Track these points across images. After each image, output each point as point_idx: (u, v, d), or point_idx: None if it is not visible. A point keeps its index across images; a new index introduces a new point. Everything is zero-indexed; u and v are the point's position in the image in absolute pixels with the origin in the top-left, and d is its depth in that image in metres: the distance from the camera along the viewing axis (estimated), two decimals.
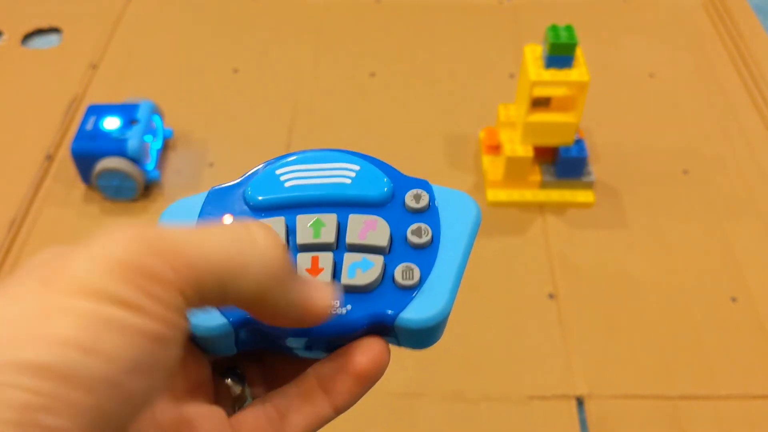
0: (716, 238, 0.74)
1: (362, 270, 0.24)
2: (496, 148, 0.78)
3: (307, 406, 0.23)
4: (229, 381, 0.26)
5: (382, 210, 0.25)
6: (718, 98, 0.89)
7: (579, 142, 0.74)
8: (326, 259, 0.24)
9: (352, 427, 0.59)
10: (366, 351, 0.23)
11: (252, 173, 0.26)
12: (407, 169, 0.27)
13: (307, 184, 0.26)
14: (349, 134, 0.84)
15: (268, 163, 0.27)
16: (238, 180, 0.26)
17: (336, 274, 0.24)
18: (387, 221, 0.25)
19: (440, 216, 0.25)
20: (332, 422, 0.26)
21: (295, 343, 0.24)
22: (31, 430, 0.15)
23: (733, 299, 0.68)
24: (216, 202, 0.26)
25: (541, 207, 0.76)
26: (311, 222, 0.25)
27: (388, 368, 0.25)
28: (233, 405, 0.25)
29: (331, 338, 0.24)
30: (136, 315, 0.17)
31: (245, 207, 0.26)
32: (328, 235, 0.24)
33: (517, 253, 0.72)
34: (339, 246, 0.25)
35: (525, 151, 0.73)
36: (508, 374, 0.63)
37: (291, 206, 0.25)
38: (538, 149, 0.75)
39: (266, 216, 0.25)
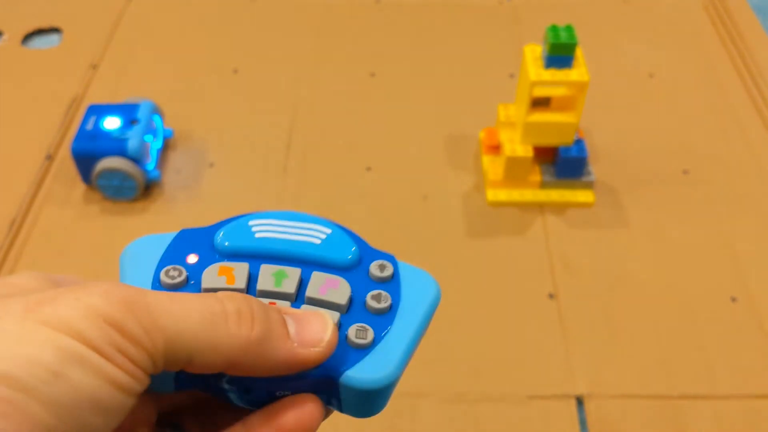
0: (716, 238, 0.74)
1: None
2: (496, 148, 0.78)
3: None
4: None
5: (347, 273, 0.26)
6: (718, 98, 0.89)
7: (579, 142, 0.74)
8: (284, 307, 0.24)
9: (353, 427, 0.59)
10: (297, 410, 0.23)
11: (224, 221, 0.27)
12: (407, 170, 0.27)
13: (277, 237, 0.26)
14: (349, 134, 0.84)
15: (243, 216, 0.27)
16: (210, 225, 0.27)
17: None
18: (349, 283, 0.25)
19: (401, 288, 0.26)
20: (333, 422, 0.26)
21: (233, 393, 0.24)
22: None
23: (733, 299, 0.68)
24: (184, 243, 0.26)
25: (541, 207, 0.76)
26: (275, 272, 0.25)
27: None
28: None
29: (272, 389, 0.23)
30: (107, 363, 0.18)
31: (212, 251, 0.26)
32: (289, 286, 0.25)
33: (517, 253, 0.72)
34: (298, 298, 0.25)
35: (525, 151, 0.73)
36: (508, 374, 0.63)
37: (257, 256, 0.26)
38: (538, 149, 0.75)
39: (231, 261, 0.25)
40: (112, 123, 0.75)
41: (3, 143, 0.83)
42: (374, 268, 0.26)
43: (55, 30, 0.99)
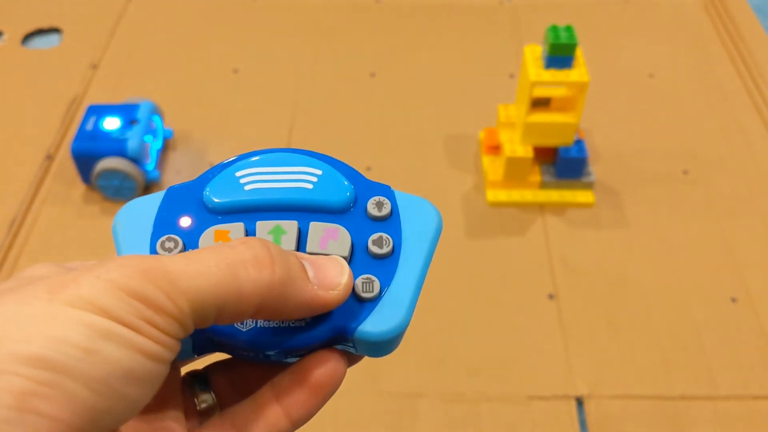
0: (716, 238, 0.74)
1: None
2: (496, 149, 0.78)
3: (263, 421, 0.23)
4: (197, 393, 0.26)
5: (344, 217, 0.25)
6: (718, 98, 0.89)
7: (579, 143, 0.74)
8: None
9: (353, 427, 0.59)
10: (322, 363, 0.23)
11: (211, 171, 0.26)
12: (407, 170, 0.27)
13: (268, 188, 0.25)
14: (349, 134, 0.84)
15: (229, 162, 0.26)
16: (197, 178, 0.26)
17: None
18: (348, 230, 0.25)
19: (402, 224, 0.25)
20: (333, 422, 0.26)
21: (253, 353, 0.24)
22: (28, 416, 0.17)
23: (733, 299, 0.68)
24: (174, 203, 0.25)
25: (541, 207, 0.76)
26: (271, 228, 0.24)
27: (388, 368, 0.25)
28: (201, 418, 0.25)
29: (289, 351, 0.24)
30: (135, 334, 0.19)
31: (203, 209, 0.25)
32: (289, 244, 0.24)
33: (517, 253, 0.72)
34: None
35: (525, 151, 0.73)
36: (508, 374, 0.63)
37: (250, 210, 0.25)
38: (538, 149, 0.75)
39: (225, 220, 0.25)
40: (111, 123, 0.75)
41: (3, 143, 0.83)
42: (372, 207, 0.25)
43: (55, 30, 0.99)
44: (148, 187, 0.77)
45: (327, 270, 0.23)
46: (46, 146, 0.82)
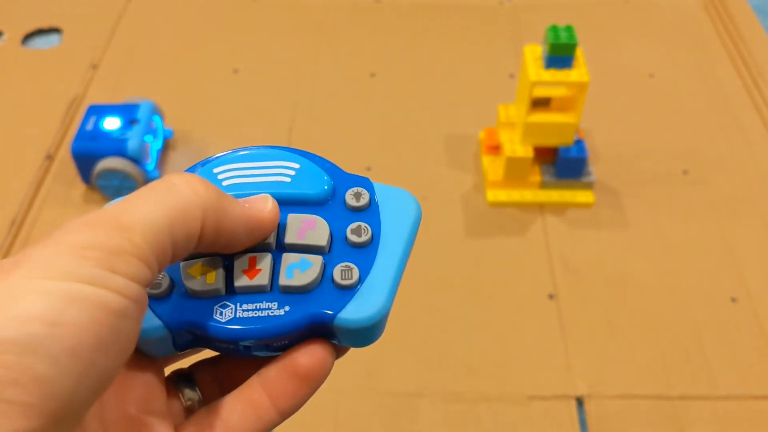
0: (716, 238, 0.74)
1: (300, 271, 0.24)
2: (496, 149, 0.78)
3: (251, 412, 0.23)
4: (182, 391, 0.26)
5: (322, 208, 0.25)
6: (718, 98, 0.89)
7: (579, 143, 0.74)
8: (264, 260, 0.24)
9: (353, 427, 0.59)
10: (309, 353, 0.23)
11: (189, 170, 0.26)
12: (407, 170, 0.27)
13: (246, 182, 0.26)
14: (349, 134, 0.84)
15: (206, 161, 0.26)
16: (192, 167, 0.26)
17: (274, 274, 0.24)
18: (326, 220, 0.25)
19: (381, 214, 0.25)
20: (333, 422, 0.26)
21: (233, 345, 0.24)
22: None
23: (733, 299, 0.68)
24: None
25: (541, 207, 0.76)
26: None
27: (388, 368, 0.25)
28: (186, 414, 0.25)
29: (271, 341, 0.23)
30: (98, 288, 0.18)
31: None
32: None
33: (517, 253, 0.72)
34: (278, 246, 0.25)
35: (525, 151, 0.73)
36: (508, 374, 0.63)
37: None
38: (538, 149, 0.75)
39: None
40: (112, 123, 0.75)
41: (3, 143, 0.83)
42: (350, 198, 0.25)
43: (55, 30, 0.99)
44: None
45: (253, 200, 0.24)
46: (46, 146, 0.82)
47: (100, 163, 0.73)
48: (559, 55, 0.67)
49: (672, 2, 1.03)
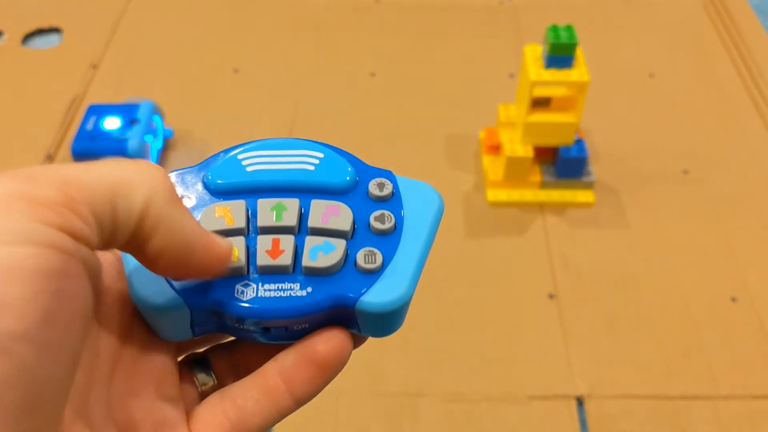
0: (716, 238, 0.74)
1: (324, 253, 0.23)
2: (496, 148, 0.78)
3: (266, 398, 0.23)
4: (196, 375, 0.25)
5: (345, 197, 0.25)
6: (718, 98, 0.89)
7: (579, 142, 0.74)
8: (287, 241, 0.24)
9: (353, 427, 0.59)
10: (328, 340, 0.23)
11: (213, 157, 0.26)
12: (407, 170, 0.27)
13: (270, 169, 0.25)
14: (349, 134, 0.84)
15: (231, 149, 0.26)
16: (199, 164, 0.26)
17: (297, 256, 0.24)
18: (350, 207, 0.25)
19: (403, 205, 0.25)
20: (333, 422, 0.26)
21: (253, 327, 0.24)
22: None
23: (733, 299, 0.68)
24: (176, 186, 0.25)
25: (541, 207, 0.76)
26: (273, 205, 0.24)
27: (388, 368, 0.25)
28: (201, 398, 0.25)
29: (292, 322, 0.23)
30: (27, 247, 0.16)
31: (204, 190, 0.25)
32: (290, 219, 0.24)
33: (517, 253, 0.72)
34: (301, 230, 0.24)
35: (525, 151, 0.73)
36: (508, 374, 0.63)
37: (252, 191, 0.25)
38: (538, 149, 0.75)
39: (227, 199, 0.25)
40: (112, 123, 0.75)
41: (3, 143, 0.83)
42: (373, 188, 0.26)
43: (55, 30, 0.99)
44: None
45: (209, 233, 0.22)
46: (47, 146, 0.82)
47: None
48: (559, 55, 0.67)
49: (672, 2, 1.03)
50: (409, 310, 0.25)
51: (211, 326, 0.24)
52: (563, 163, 0.74)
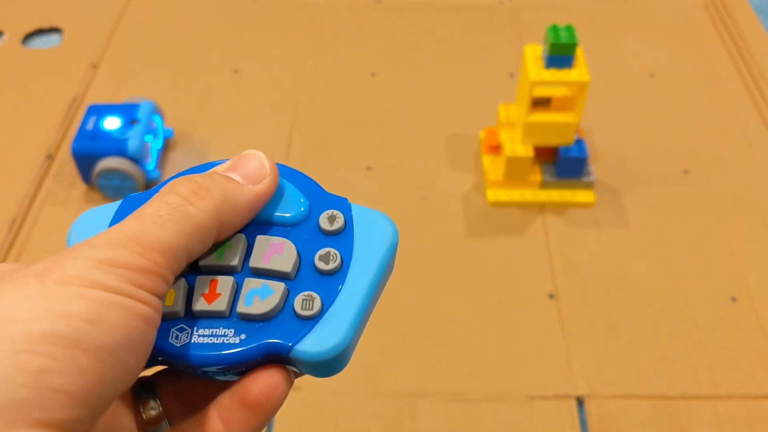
0: (716, 238, 0.74)
1: (260, 298, 0.23)
2: (496, 148, 0.78)
3: None
4: (144, 401, 0.25)
5: (295, 231, 0.24)
6: (718, 98, 0.89)
7: (579, 142, 0.74)
8: (225, 283, 0.23)
9: (353, 427, 0.59)
10: (261, 381, 0.23)
11: (164, 183, 0.25)
12: (407, 170, 0.27)
13: None
14: (349, 134, 0.84)
15: (176, 176, 0.25)
16: (152, 188, 0.25)
17: (235, 300, 0.23)
18: (296, 244, 0.24)
19: (354, 239, 0.24)
20: (333, 422, 0.25)
21: (190, 369, 0.23)
22: (45, 393, 0.17)
23: (733, 299, 0.68)
24: (128, 212, 0.24)
25: (541, 207, 0.76)
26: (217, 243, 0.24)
27: (388, 368, 0.25)
28: (147, 427, 0.25)
29: (224, 369, 0.23)
30: (127, 298, 0.20)
31: None
32: (232, 257, 0.23)
33: (517, 253, 0.72)
34: (243, 269, 0.24)
35: (525, 151, 0.73)
36: (508, 374, 0.63)
37: None
38: (538, 149, 0.75)
39: None
40: (112, 123, 0.75)
41: (3, 143, 0.83)
42: (324, 222, 0.24)
43: (55, 30, 0.99)
44: (148, 187, 0.77)
45: (249, 167, 0.24)
46: (47, 146, 0.82)
47: (101, 163, 0.73)
48: (560, 55, 0.67)
49: (672, 2, 1.03)
50: (410, 310, 0.25)
51: (154, 361, 0.24)
52: (563, 163, 0.74)
